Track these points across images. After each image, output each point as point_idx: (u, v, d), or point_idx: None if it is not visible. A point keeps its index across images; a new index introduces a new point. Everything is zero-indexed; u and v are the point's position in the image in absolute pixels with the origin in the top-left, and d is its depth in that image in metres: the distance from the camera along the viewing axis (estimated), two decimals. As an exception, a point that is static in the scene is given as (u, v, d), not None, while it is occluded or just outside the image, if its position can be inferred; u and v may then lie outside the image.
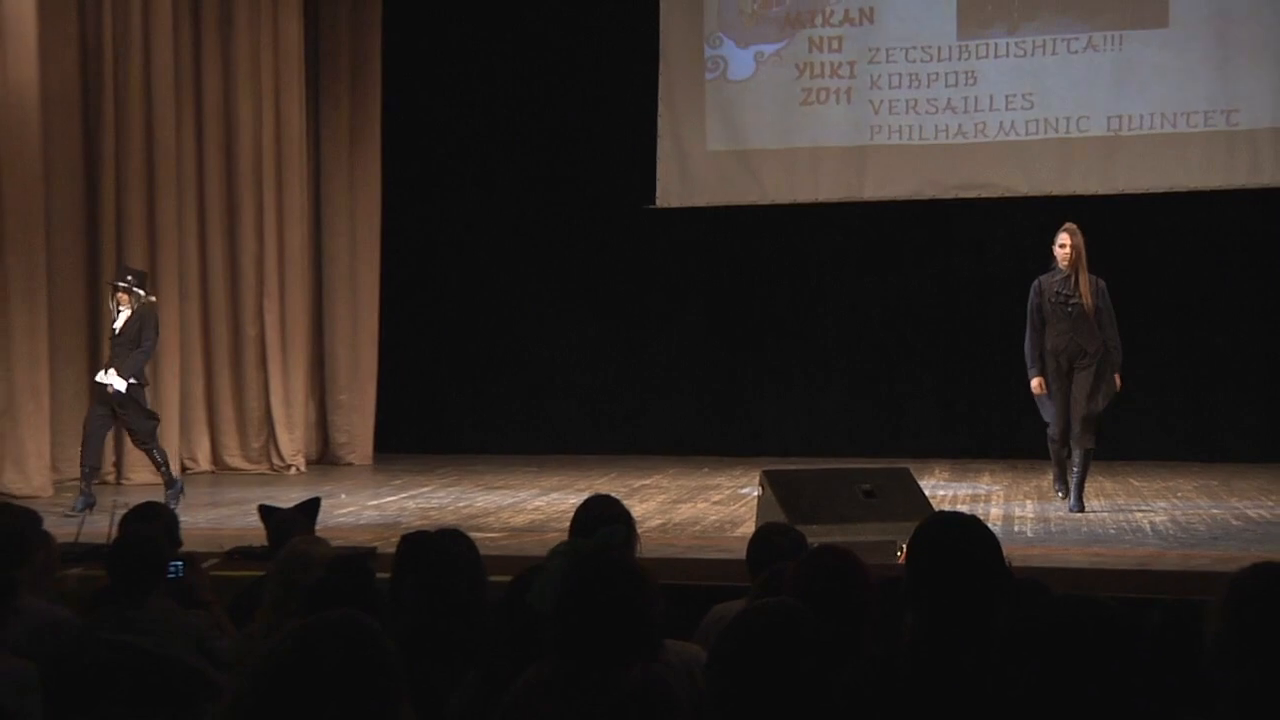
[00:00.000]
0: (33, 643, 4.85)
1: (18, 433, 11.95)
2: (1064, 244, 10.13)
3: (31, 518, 5.73)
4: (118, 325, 11.14)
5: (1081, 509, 10.10)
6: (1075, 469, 10.22)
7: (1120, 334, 10.22)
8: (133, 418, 11.25)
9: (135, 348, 11.11)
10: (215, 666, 5.02)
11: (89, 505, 10.73)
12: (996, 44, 13.88)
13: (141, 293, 11.23)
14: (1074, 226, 10.24)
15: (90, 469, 11.22)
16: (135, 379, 11.15)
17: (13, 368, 11.94)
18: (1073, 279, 10.11)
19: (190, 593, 5.85)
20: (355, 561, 5.20)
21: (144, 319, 11.21)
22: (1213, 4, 13.37)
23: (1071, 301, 10.03)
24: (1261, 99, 13.35)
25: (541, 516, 10.45)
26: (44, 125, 12.24)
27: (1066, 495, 10.34)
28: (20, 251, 12.02)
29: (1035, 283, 10.29)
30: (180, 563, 5.83)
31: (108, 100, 12.86)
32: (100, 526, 7.72)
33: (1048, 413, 10.35)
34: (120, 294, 11.16)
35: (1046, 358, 10.20)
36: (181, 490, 11.25)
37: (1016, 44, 13.83)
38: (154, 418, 11.57)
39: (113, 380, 11.03)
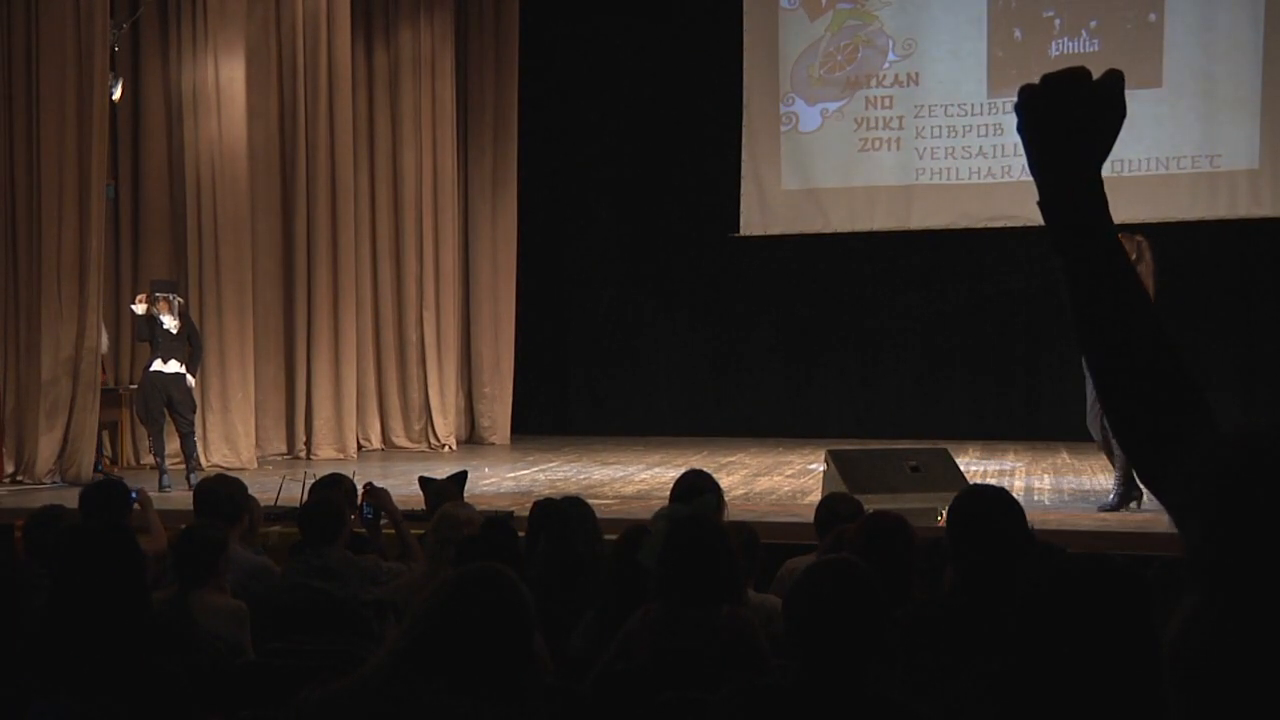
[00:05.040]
0: (242, 585, 4.93)
1: (230, 418, 12.11)
2: None
3: (240, 485, 5.81)
4: (171, 327, 10.41)
5: (1116, 506, 8.49)
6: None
7: None
8: (186, 408, 10.53)
9: (184, 343, 10.51)
10: (385, 590, 5.15)
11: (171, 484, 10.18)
12: (1020, 101, 13.74)
13: (181, 300, 10.78)
14: (1122, 238, 8.60)
15: (163, 454, 10.58)
16: (193, 376, 10.65)
17: (226, 366, 12.11)
18: None
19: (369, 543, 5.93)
20: (499, 522, 5.24)
21: (188, 320, 10.76)
22: (1199, 67, 13.21)
23: None
24: (1239, 146, 13.17)
25: (646, 486, 10.45)
26: (251, 172, 12.42)
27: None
28: (232, 274, 12.20)
29: None
30: (371, 508, 5.92)
31: (300, 151, 13.01)
32: (293, 493, 7.82)
33: None
34: (161, 302, 10.49)
35: None
36: (189, 476, 10.16)
37: (1036, 101, 13.67)
38: (194, 409, 10.78)
39: (179, 370, 10.38)
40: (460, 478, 7.19)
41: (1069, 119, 1.50)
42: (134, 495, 5.84)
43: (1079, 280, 1.49)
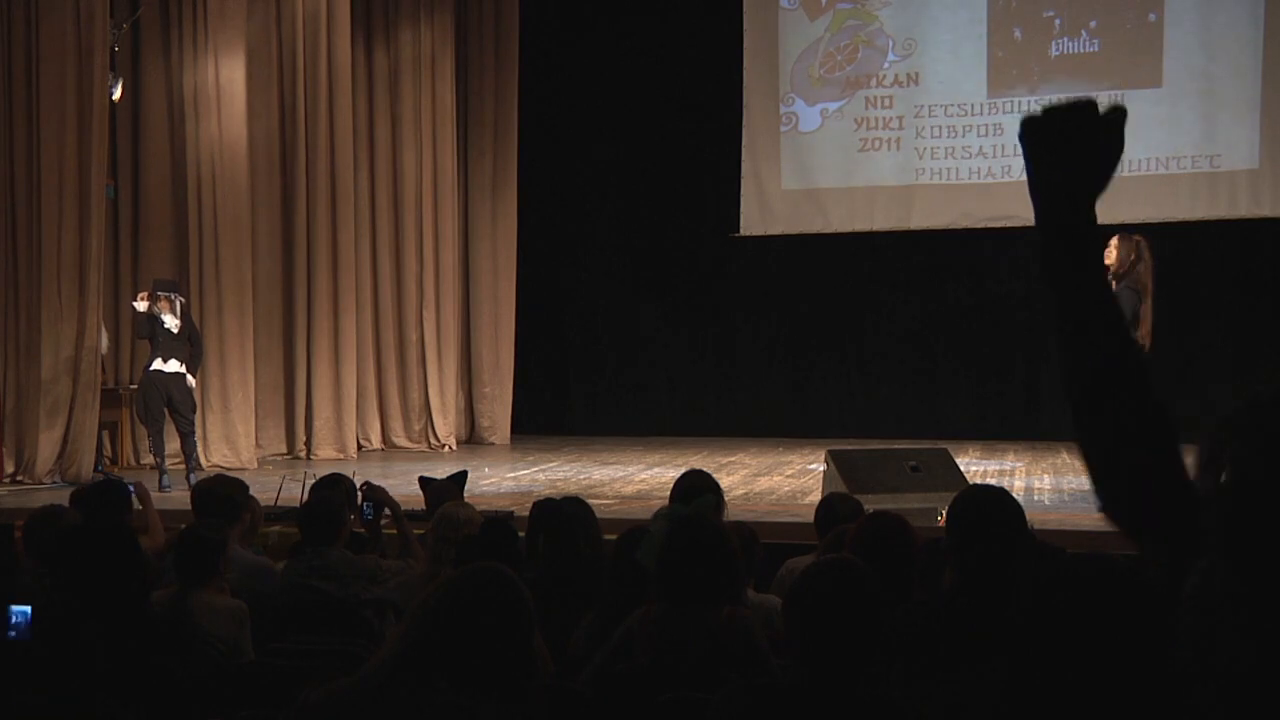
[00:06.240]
0: (242, 585, 4.93)
1: (229, 418, 12.11)
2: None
3: (240, 485, 5.81)
4: (172, 326, 10.40)
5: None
6: None
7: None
8: (186, 408, 10.51)
9: (185, 343, 10.48)
10: (385, 589, 5.16)
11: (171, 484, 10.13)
12: (1019, 101, 13.73)
13: (183, 300, 10.75)
14: (1121, 238, 8.07)
15: (162, 454, 10.58)
16: (193, 375, 10.62)
17: (226, 365, 12.11)
18: None
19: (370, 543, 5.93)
20: (499, 522, 5.24)
21: (189, 320, 10.73)
22: (1199, 68, 13.20)
23: None
24: (1239, 146, 13.17)
25: (646, 486, 10.44)
26: (251, 171, 12.43)
27: None
28: (232, 273, 12.21)
29: None
30: (371, 507, 5.93)
31: (300, 151, 13.01)
32: (293, 493, 7.82)
33: None
34: (163, 301, 10.48)
35: None
36: (189, 476, 10.13)
37: (1036, 101, 13.64)
38: (195, 409, 10.77)
39: (179, 370, 10.35)
40: (460, 478, 7.19)
41: (1068, 151, 1.55)
42: (131, 488, 5.82)
43: (1066, 314, 1.56)
